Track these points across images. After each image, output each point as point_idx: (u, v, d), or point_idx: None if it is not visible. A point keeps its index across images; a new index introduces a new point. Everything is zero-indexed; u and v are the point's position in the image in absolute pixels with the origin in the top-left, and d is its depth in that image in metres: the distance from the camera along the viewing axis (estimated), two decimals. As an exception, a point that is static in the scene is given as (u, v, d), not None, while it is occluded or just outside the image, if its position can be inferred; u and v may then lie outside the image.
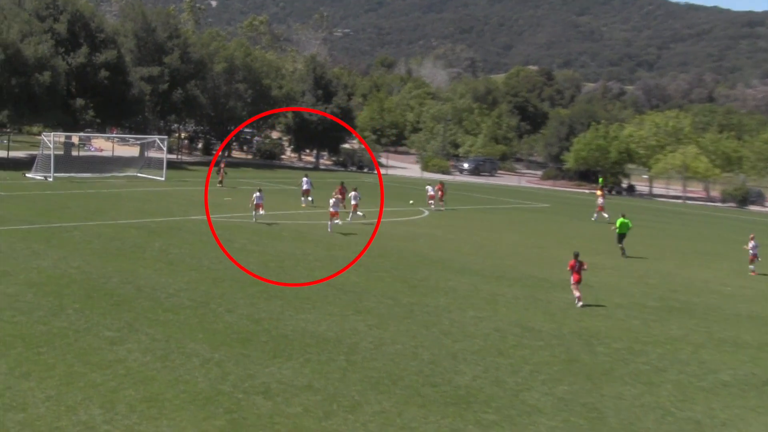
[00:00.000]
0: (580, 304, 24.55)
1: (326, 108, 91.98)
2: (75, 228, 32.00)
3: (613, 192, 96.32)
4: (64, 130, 64.88)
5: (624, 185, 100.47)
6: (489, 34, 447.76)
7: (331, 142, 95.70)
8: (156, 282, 22.93)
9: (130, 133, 77.20)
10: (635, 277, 31.52)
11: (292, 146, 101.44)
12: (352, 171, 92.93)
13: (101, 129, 74.80)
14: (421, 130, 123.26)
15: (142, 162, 64.14)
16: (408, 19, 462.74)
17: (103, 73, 66.79)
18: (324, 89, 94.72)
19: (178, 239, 31.10)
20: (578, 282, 24.77)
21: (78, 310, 19.35)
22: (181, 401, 14.13)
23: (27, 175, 54.07)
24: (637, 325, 22.91)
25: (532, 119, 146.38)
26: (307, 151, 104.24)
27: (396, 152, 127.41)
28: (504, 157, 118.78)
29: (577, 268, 24.72)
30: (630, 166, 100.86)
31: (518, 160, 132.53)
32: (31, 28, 63.86)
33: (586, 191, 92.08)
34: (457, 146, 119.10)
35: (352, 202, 40.34)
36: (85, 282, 22.29)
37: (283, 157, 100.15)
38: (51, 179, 52.24)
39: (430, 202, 52.46)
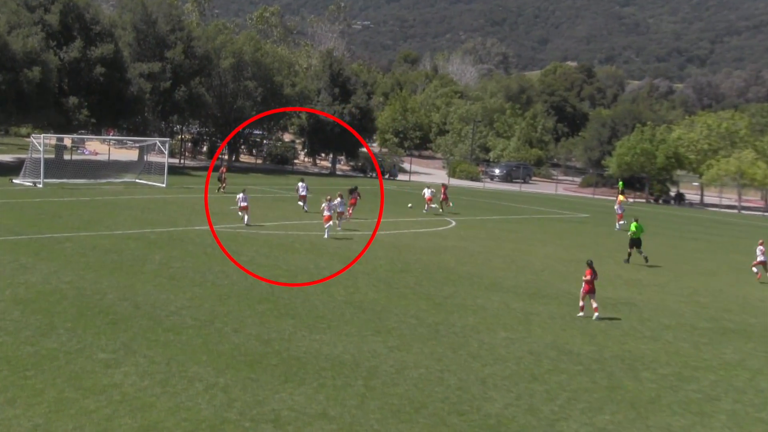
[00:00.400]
0: (581, 314, 25.30)
1: (344, 108, 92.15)
2: (67, 239, 32.18)
3: (660, 201, 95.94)
4: (56, 132, 65.31)
5: (672, 194, 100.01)
6: (523, 26, 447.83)
7: (349, 146, 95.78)
8: (156, 299, 23.00)
9: (128, 135, 77.64)
10: (684, 295, 31.32)
11: (306, 150, 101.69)
12: (372, 177, 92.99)
13: (96, 130, 75.26)
14: (447, 132, 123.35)
15: (141, 167, 64.43)
16: (434, 11, 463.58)
17: (99, 69, 67.25)
18: (341, 87, 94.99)
19: (181, 251, 31.20)
20: (588, 293, 25.37)
21: (70, 329, 19.42)
22: (183, 430, 14.13)
23: (14, 181, 54.41)
24: (687, 348, 22.74)
25: (570, 120, 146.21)
26: (323, 155, 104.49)
27: (420, 156, 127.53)
28: (539, 163, 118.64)
29: (592, 278, 25.35)
30: (679, 172, 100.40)
31: (555, 165, 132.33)
32: (19, 19, 64.42)
33: (630, 200, 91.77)
34: (487, 150, 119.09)
35: (339, 209, 40.37)
36: (77, 299, 22.40)
37: (296, 161, 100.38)
38: (41, 186, 52.57)
39: (431, 205, 54.15)
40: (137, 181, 60.76)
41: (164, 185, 58.05)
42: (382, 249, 35.87)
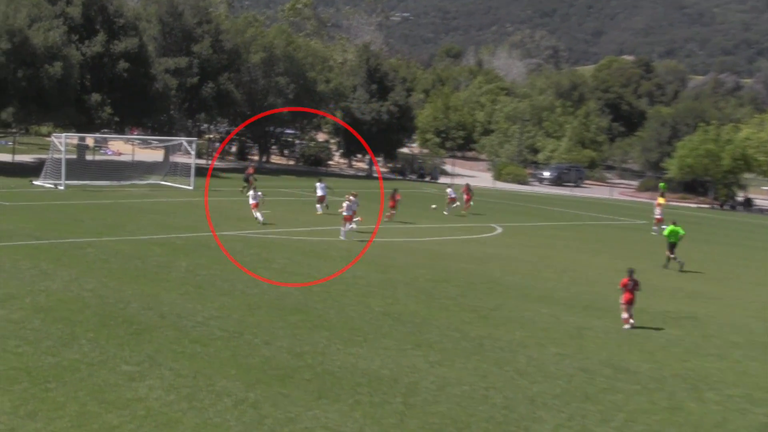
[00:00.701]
0: (627, 326, 25.45)
1: (381, 106, 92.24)
2: (89, 244, 32.55)
3: (726, 206, 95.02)
4: (78, 131, 66.07)
5: (739, 198, 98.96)
6: (575, 17, 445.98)
7: (387, 146, 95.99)
8: (182, 308, 23.19)
9: (153, 134, 78.29)
10: (754, 309, 30.99)
11: (341, 150, 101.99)
12: (411, 180, 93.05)
13: (120, 129, 76.01)
14: (493, 131, 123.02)
15: (166, 168, 64.96)
16: (478, 1, 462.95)
17: (123, 64, 67.90)
18: (379, 84, 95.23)
19: (208, 258, 31.43)
20: (629, 302, 25.64)
21: (92, 339, 19.64)
22: (210, 448, 14.24)
23: (34, 182, 55.13)
24: (757, 367, 22.50)
25: (626, 119, 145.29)
26: (359, 156, 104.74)
27: (463, 158, 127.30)
28: (592, 165, 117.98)
29: (631, 287, 25.66)
30: (747, 175, 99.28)
31: (609, 167, 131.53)
32: (40, 12, 65.25)
33: (693, 205, 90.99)
34: (536, 151, 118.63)
35: (346, 211, 40.76)
36: (100, 307, 22.64)
37: (330, 163, 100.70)
38: (62, 187, 53.20)
39: (453, 205, 55.91)
40: (162, 183, 61.29)
41: (191, 188, 58.49)
42: (423, 257, 35.89)
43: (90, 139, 74.59)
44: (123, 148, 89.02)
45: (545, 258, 39.10)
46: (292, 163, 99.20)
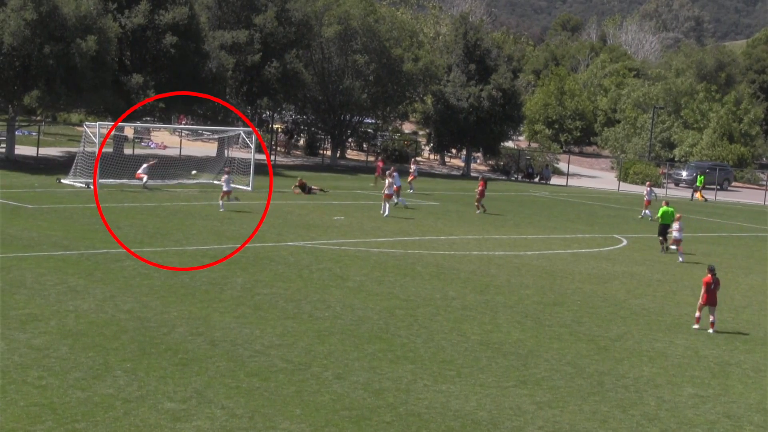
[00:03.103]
0: (696, 326, 27.94)
1: (481, 90, 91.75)
2: (127, 256, 33.01)
3: None
4: (115, 119, 66.79)
5: None
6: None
7: (488, 139, 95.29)
8: (237, 334, 23.41)
9: (205, 124, 79.02)
10: None
11: (431, 144, 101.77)
12: (514, 180, 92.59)
13: (165, 117, 76.77)
14: (618, 122, 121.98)
15: (220, 164, 65.49)
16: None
17: (170, 38, 68.31)
18: (479, 63, 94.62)
19: (269, 274, 31.69)
20: (707, 304, 27.81)
21: (129, 371, 19.90)
22: (269, 503, 14.35)
23: (63, 181, 55.96)
24: None
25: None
26: (453, 151, 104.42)
27: (582, 154, 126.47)
28: (742, 163, 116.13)
29: (714, 286, 27.61)
30: None
31: (764, 167, 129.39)
32: (71, -24, 66.19)
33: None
34: (671, 146, 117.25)
35: (412, 174, 45.88)
36: (139, 332, 22.95)
37: (419, 159, 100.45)
38: (96, 187, 53.96)
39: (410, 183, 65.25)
40: (215, 182, 61.75)
41: (250, 188, 58.86)
42: (530, 275, 35.72)
43: (129, 129, 75.51)
44: (169, 140, 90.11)
45: (680, 277, 38.61)
46: (371, 159, 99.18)
